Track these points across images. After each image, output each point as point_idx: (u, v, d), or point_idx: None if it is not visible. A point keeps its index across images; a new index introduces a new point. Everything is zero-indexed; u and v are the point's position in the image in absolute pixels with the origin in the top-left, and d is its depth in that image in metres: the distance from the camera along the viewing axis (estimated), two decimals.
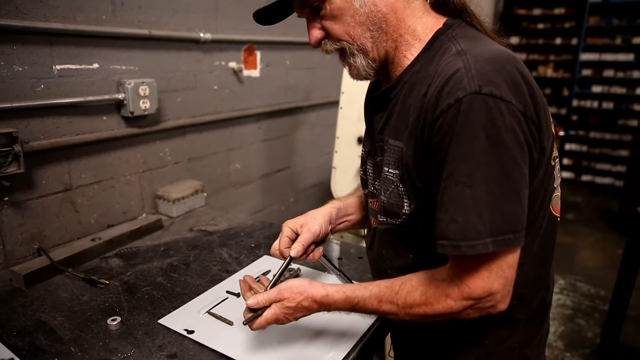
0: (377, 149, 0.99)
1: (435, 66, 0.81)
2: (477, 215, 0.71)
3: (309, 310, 0.93)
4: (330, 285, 0.93)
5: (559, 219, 0.93)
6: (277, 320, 0.93)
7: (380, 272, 1.04)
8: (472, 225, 0.71)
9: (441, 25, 0.88)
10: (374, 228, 1.03)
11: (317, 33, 0.92)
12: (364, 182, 1.09)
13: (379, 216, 0.97)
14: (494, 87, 0.71)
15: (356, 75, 0.95)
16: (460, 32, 0.85)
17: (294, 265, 1.36)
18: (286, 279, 1.00)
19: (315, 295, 0.91)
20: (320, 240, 1.10)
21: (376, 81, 1.13)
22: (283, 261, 1.05)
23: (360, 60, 0.91)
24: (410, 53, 0.89)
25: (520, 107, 0.73)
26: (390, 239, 0.97)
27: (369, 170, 1.04)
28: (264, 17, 0.97)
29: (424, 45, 0.88)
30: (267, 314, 0.93)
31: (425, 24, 0.89)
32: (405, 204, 0.88)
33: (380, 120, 0.97)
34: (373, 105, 1.03)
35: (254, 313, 0.93)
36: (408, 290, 0.84)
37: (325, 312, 0.95)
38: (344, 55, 0.93)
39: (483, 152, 0.71)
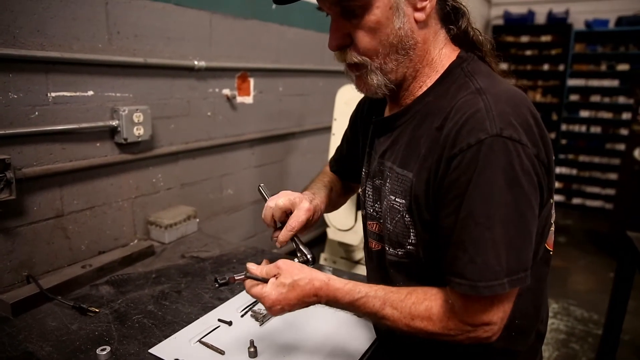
0: (377, 172, 0.99)
1: (451, 100, 0.82)
2: (495, 257, 0.73)
3: (304, 295, 0.86)
4: (334, 276, 0.90)
5: (551, 252, 0.94)
6: (266, 299, 0.86)
7: None
8: (490, 266, 0.73)
9: (455, 57, 0.90)
10: (376, 252, 1.03)
11: (342, 38, 0.86)
12: (362, 203, 1.09)
13: (386, 244, 0.96)
14: (513, 131, 0.74)
15: (366, 90, 0.93)
16: (475, 68, 0.87)
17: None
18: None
19: (315, 279, 0.87)
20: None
21: (371, 102, 1.13)
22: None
23: (377, 79, 0.88)
24: (425, 84, 0.91)
25: (534, 151, 0.76)
26: (394, 265, 0.96)
27: (368, 192, 1.03)
28: None
29: (438, 76, 0.89)
30: (259, 287, 0.88)
31: (443, 55, 0.90)
32: (411, 234, 0.88)
33: (383, 145, 0.97)
34: (375, 128, 1.02)
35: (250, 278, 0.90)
36: (414, 301, 0.83)
37: (317, 327, 0.93)
38: (358, 68, 0.89)
39: (502, 194, 0.73)
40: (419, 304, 0.83)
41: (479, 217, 0.74)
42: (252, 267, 0.92)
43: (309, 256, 1.00)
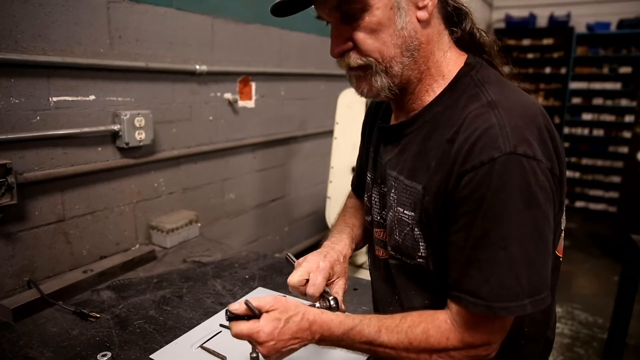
0: (383, 178, 0.97)
1: (462, 111, 0.79)
2: (514, 277, 0.71)
3: (298, 329, 0.81)
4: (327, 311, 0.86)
5: (561, 259, 0.92)
6: (260, 333, 0.78)
7: (391, 304, 1.00)
8: (507, 287, 0.72)
9: (463, 64, 0.87)
10: (384, 260, 1.00)
11: (345, 43, 0.84)
12: (367, 210, 1.07)
13: (391, 251, 0.94)
14: (527, 147, 0.72)
15: (367, 92, 0.88)
16: (484, 76, 0.84)
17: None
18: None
19: (307, 312, 0.83)
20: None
21: (377, 107, 1.11)
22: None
23: (381, 81, 0.84)
24: (432, 89, 0.87)
25: (548, 165, 0.74)
26: (404, 275, 0.94)
27: (375, 199, 1.01)
28: (280, 9, 0.89)
29: (447, 83, 0.86)
30: (253, 323, 0.79)
31: (449, 60, 0.87)
32: (421, 247, 0.86)
33: (390, 153, 0.94)
34: (381, 135, 1.00)
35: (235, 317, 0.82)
36: (409, 324, 0.81)
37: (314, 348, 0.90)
38: (363, 70, 0.85)
39: (518, 213, 0.71)
40: (415, 327, 0.80)
41: (494, 238, 0.72)
42: (234, 306, 0.84)
43: (332, 303, 0.95)
